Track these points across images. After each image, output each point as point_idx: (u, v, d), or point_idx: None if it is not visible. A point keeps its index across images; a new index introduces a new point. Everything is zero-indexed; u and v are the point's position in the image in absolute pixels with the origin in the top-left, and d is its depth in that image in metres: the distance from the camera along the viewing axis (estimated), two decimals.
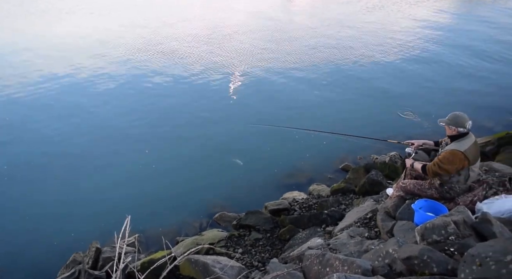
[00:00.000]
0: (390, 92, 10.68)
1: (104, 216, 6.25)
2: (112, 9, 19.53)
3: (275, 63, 12.63)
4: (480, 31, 16.43)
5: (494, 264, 2.63)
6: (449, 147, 4.22)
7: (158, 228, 6.09)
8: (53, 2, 20.59)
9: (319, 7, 20.74)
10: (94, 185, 7.09)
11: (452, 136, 4.26)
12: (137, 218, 5.67)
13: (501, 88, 11.05)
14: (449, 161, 4.13)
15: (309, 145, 8.28)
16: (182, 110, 9.70)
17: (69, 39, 14.59)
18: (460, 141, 4.19)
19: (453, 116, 4.21)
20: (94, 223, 6.17)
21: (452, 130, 4.22)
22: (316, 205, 6.31)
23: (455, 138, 4.24)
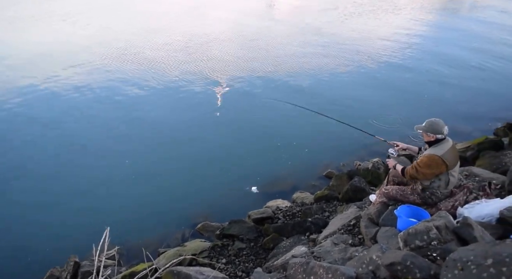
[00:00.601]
0: (364, 101, 10.75)
1: (82, 229, 6.07)
2: (84, 16, 18.92)
3: (254, 72, 12.60)
4: (455, 39, 16.83)
5: (475, 268, 2.65)
6: (426, 152, 4.29)
7: (139, 239, 5.94)
8: (22, 9, 19.75)
9: (298, 15, 20.84)
10: (72, 197, 6.90)
11: (430, 142, 4.33)
12: (117, 229, 5.56)
13: (477, 95, 11.29)
14: (426, 165, 4.18)
15: (291, 152, 8.26)
16: (161, 120, 9.57)
17: (40, 48, 14.07)
18: (437, 145, 4.25)
19: (430, 123, 4.28)
20: (72, 236, 5.99)
21: (430, 137, 4.28)
22: (300, 213, 6.28)
23: (432, 144, 4.31)
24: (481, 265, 2.65)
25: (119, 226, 5.89)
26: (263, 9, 22.53)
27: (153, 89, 11.14)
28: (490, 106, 10.44)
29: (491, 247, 2.83)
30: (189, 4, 22.37)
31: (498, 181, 5.17)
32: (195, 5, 22.27)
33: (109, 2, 22.17)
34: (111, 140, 8.63)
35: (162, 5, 22.29)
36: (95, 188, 7.15)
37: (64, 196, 6.93)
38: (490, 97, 11.09)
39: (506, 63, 14.00)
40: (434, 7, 23.25)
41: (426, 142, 4.40)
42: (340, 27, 18.30)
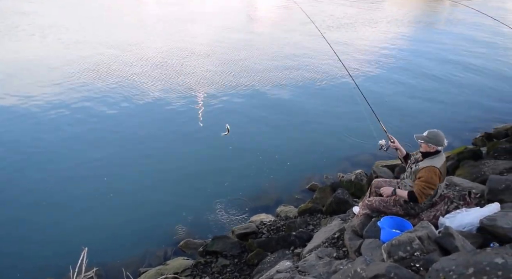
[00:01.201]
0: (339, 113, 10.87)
1: (59, 249, 5.87)
2: (54, 31, 18.30)
3: (234, 86, 12.58)
4: (431, 52, 17.23)
5: (457, 278, 2.68)
6: (423, 164, 4.21)
7: (119, 259, 5.76)
8: None
9: (277, 29, 21.00)
10: (48, 214, 6.68)
11: (427, 153, 4.26)
12: (96, 249, 5.38)
13: (455, 106, 11.52)
14: (433, 179, 4.11)
15: (274, 166, 8.23)
16: (141, 135, 9.43)
17: (10, 64, 13.58)
18: (434, 157, 4.22)
19: (433, 134, 4.19)
20: (48, 257, 5.78)
21: (430, 148, 4.21)
22: (284, 227, 6.22)
23: (429, 155, 4.25)
24: (463, 275, 2.66)
25: (97, 245, 5.71)
26: (242, 23, 22.73)
27: (133, 104, 11.01)
28: (468, 117, 10.68)
29: (472, 256, 2.85)
30: (165, 19, 22.30)
31: (478, 190, 5.24)
32: (171, 19, 22.22)
33: (80, 16, 21.80)
34: (88, 156, 8.44)
35: (136, 19, 22.13)
36: (72, 205, 6.96)
37: (39, 213, 6.71)
38: (468, 108, 11.35)
39: (480, 75, 14.40)
40: (410, 21, 23.89)
41: (423, 152, 4.30)
42: (319, 40, 18.57)
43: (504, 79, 14.06)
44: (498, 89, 12.97)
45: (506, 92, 12.78)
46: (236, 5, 28.97)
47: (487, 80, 13.89)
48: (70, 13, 22.30)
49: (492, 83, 13.55)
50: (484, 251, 2.97)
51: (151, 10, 25.71)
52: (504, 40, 19.00)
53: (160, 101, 11.29)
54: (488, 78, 14.04)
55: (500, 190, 4.90)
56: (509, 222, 3.84)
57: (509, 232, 3.72)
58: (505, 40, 18.89)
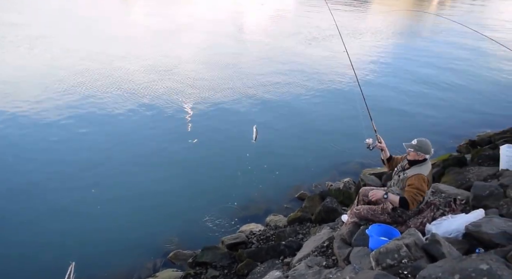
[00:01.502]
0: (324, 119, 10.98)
1: (45, 263, 5.77)
2: (43, 42, 18.07)
3: (223, 95, 12.63)
4: (414, 64, 17.44)
5: None
6: (411, 172, 4.27)
7: (108, 272, 5.68)
8: None
9: (265, 40, 21.15)
10: (33, 228, 6.56)
11: (415, 161, 4.34)
12: (84, 262, 5.32)
13: (439, 114, 11.73)
14: (422, 186, 4.18)
15: (262, 175, 8.26)
16: (128, 145, 9.39)
17: None
18: (422, 165, 4.30)
19: (423, 142, 4.28)
20: (34, 272, 5.66)
21: (419, 156, 4.29)
22: (274, 236, 6.22)
23: (417, 163, 4.33)
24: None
25: (85, 258, 5.66)
26: (232, 34, 22.87)
27: (122, 114, 10.97)
28: (452, 125, 10.89)
29: (458, 263, 2.90)
30: (153, 29, 22.30)
31: (463, 196, 5.34)
32: (159, 30, 22.24)
33: (68, 27, 21.65)
34: (75, 166, 8.36)
35: (123, 29, 22.09)
36: (59, 218, 6.85)
37: (24, 225, 6.60)
38: (452, 117, 11.57)
39: (463, 85, 14.71)
40: (394, 31, 24.35)
41: (411, 160, 4.37)
42: (306, 50, 18.82)
43: (486, 88, 14.41)
44: (480, 98, 13.29)
45: (489, 100, 13.10)
46: (223, 17, 29.16)
47: (470, 89, 14.22)
48: (58, 24, 22.16)
49: (474, 93, 13.88)
50: (470, 257, 3.03)
51: (139, 21, 25.69)
52: (484, 51, 19.49)
53: (149, 110, 11.27)
54: (471, 88, 14.38)
55: (484, 196, 5.01)
56: (493, 228, 3.92)
57: (493, 238, 3.80)
58: (485, 51, 19.38)
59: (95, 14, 26.37)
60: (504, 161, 6.06)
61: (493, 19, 30.70)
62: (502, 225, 3.96)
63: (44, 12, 25.73)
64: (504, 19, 30.79)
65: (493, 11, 36.99)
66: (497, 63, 17.48)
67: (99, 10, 28.67)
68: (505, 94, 13.59)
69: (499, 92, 13.84)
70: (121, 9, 30.98)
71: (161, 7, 32.33)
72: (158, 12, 29.25)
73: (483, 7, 40.81)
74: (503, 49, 8.30)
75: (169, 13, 29.02)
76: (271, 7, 33.81)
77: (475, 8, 38.62)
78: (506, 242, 3.70)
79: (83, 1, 32.44)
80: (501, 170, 6.04)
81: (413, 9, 34.71)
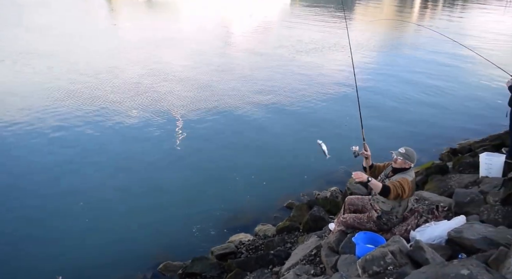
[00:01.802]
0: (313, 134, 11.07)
1: (32, 277, 5.69)
2: (26, 57, 17.79)
3: (210, 108, 12.67)
4: (395, 75, 17.58)
5: None
6: (398, 177, 4.41)
7: None
8: None
9: (250, 54, 21.23)
10: (17, 243, 6.46)
11: (400, 169, 4.50)
12: (71, 276, 5.29)
13: (421, 124, 11.94)
14: (405, 185, 4.30)
15: (251, 186, 8.30)
16: (116, 158, 9.35)
17: None
18: (406, 173, 4.46)
19: (410, 151, 4.46)
20: None
21: (406, 164, 4.46)
22: (263, 246, 6.29)
23: (401, 171, 4.49)
24: None
25: (73, 272, 5.63)
26: (216, 48, 22.95)
27: (109, 127, 10.94)
28: (434, 134, 11.10)
29: (440, 269, 3.02)
30: (139, 44, 22.13)
31: (446, 203, 5.52)
32: (145, 44, 22.09)
33: (51, 42, 21.35)
34: (62, 180, 8.30)
35: (108, 45, 21.78)
36: (46, 231, 6.77)
37: (10, 240, 6.51)
38: (433, 126, 11.80)
39: (443, 95, 14.99)
40: (375, 45, 24.75)
41: (397, 168, 4.52)
42: (291, 63, 19.02)
43: (466, 97, 14.77)
44: (460, 107, 13.60)
45: (468, 109, 13.42)
46: (212, 28, 29.34)
47: (450, 98, 14.55)
48: (41, 39, 21.92)
49: (454, 102, 14.20)
50: (451, 263, 3.15)
51: (125, 35, 25.59)
52: (464, 60, 20.01)
53: (137, 123, 11.24)
54: (451, 97, 14.70)
55: (466, 202, 5.19)
56: (474, 234, 4.07)
57: (475, 243, 3.94)
58: (466, 61, 19.91)
59: (80, 28, 26.25)
60: (483, 168, 6.27)
61: (472, 29, 31.61)
62: (483, 230, 4.11)
63: (26, 26, 25.51)
64: (483, 28, 31.71)
65: (472, 20, 38.11)
66: (477, 73, 17.98)
67: (85, 24, 28.59)
68: (484, 103, 13.97)
69: (478, 101, 14.22)
70: (106, 23, 30.90)
71: (148, 20, 32.40)
72: (144, 25, 29.22)
73: (462, 16, 41.99)
74: (480, 59, 8.59)
75: (156, 25, 29.02)
76: (258, 19, 34.21)
77: (454, 17, 39.73)
78: (487, 247, 3.83)
79: (67, 14, 32.37)
80: (481, 177, 6.24)
81: (397, 19, 35.50)
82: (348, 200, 5.11)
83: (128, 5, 42.19)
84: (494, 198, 4.98)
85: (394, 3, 54.30)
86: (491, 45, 23.85)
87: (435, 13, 45.69)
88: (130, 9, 39.55)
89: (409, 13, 45.07)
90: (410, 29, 31.37)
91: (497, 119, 10.73)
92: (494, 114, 12.30)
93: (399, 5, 51.80)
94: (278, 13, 40.28)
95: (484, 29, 31.27)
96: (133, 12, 37.51)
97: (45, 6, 35.78)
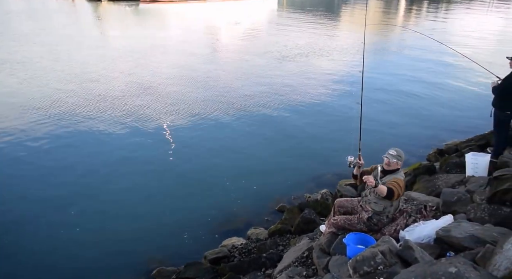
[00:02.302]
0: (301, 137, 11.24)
1: None
2: (8, 66, 17.73)
3: (200, 114, 12.73)
4: (381, 77, 17.74)
5: None
6: (393, 177, 4.52)
7: None
8: None
9: (238, 59, 21.27)
10: (14, 251, 6.45)
11: (395, 170, 4.62)
12: None
13: (408, 125, 12.13)
14: (401, 185, 4.46)
15: (242, 190, 8.35)
16: (108, 163, 9.37)
17: None
18: (397, 173, 4.60)
19: (400, 151, 4.61)
20: None
21: (398, 165, 4.61)
22: (255, 249, 6.33)
23: (392, 172, 4.61)
24: None
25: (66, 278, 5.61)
26: (208, 52, 23.02)
27: (101, 133, 10.95)
28: (421, 136, 11.27)
29: (429, 267, 3.08)
30: (126, 52, 22.05)
31: (433, 203, 5.61)
32: (132, 51, 22.05)
33: (35, 51, 21.20)
34: (54, 188, 8.28)
35: (95, 52, 21.75)
36: (38, 239, 6.75)
37: (5, 249, 6.48)
38: (420, 127, 12.00)
39: (430, 94, 15.28)
40: (360, 49, 24.93)
41: (387, 170, 4.63)
42: (277, 69, 19.10)
43: (452, 98, 15.00)
44: (446, 108, 13.80)
45: (454, 110, 13.65)
46: (199, 37, 29.29)
47: (436, 100, 14.76)
48: (25, 48, 21.72)
49: (440, 103, 14.41)
50: (440, 261, 3.22)
51: (113, 43, 25.43)
52: (449, 62, 20.34)
53: (128, 129, 11.27)
54: (437, 98, 14.92)
55: (453, 201, 5.29)
56: (462, 232, 4.14)
57: (462, 241, 4.01)
58: (450, 63, 20.24)
59: (65, 37, 26.05)
60: (469, 168, 6.39)
61: (457, 30, 32.15)
62: (470, 229, 4.18)
63: (11, 33, 25.25)
64: (467, 29, 32.26)
65: (457, 21, 38.74)
66: (461, 74, 18.28)
67: (71, 31, 28.38)
68: (470, 103, 14.21)
69: (464, 102, 14.46)
70: (93, 31, 30.72)
71: (134, 27, 32.24)
72: (131, 32, 29.09)
73: (447, 17, 42.65)
74: (465, 60, 8.77)
75: (142, 33, 28.89)
76: (245, 26, 34.33)
77: (438, 19, 40.36)
78: (474, 245, 3.90)
79: (52, 22, 32.09)
80: (467, 177, 6.36)
81: (385, 23, 35.91)
82: (338, 202, 5.18)
83: (114, 12, 41.98)
84: (481, 196, 5.07)
85: (380, 6, 54.93)
86: (475, 46, 24.29)
87: (420, 15, 46.34)
88: (117, 17, 39.36)
89: (394, 16, 45.61)
90: (396, 32, 31.75)
91: (481, 120, 10.95)
92: (479, 114, 12.52)
93: (385, 8, 52.41)
94: (265, 18, 40.43)
95: (470, 30, 31.83)
96: (119, 20, 37.33)
97: (31, 14, 35.52)
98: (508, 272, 2.92)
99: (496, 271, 3.05)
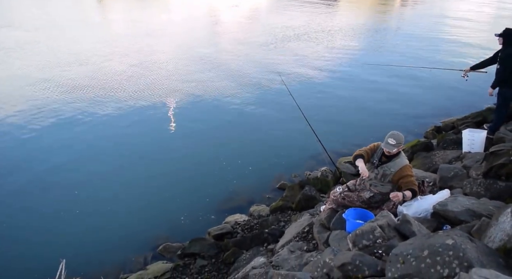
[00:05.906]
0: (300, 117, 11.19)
1: (36, 262, 5.83)
2: (18, 50, 17.69)
3: (201, 95, 12.74)
4: (377, 58, 17.70)
5: (414, 260, 2.89)
6: (395, 166, 4.57)
7: (99, 268, 5.78)
8: None
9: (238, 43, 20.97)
10: (23, 228, 6.62)
11: (393, 155, 4.60)
12: (74, 260, 5.46)
13: (406, 103, 12.20)
14: (412, 172, 4.58)
15: (244, 169, 8.47)
16: (112, 144, 9.47)
17: None
18: (401, 157, 4.62)
19: (399, 137, 4.51)
20: (25, 271, 5.73)
21: (400, 148, 4.60)
22: (258, 225, 6.50)
23: (395, 156, 4.62)
24: (419, 257, 2.92)
25: (75, 256, 5.78)
26: (207, 35, 22.66)
27: (104, 115, 11.00)
28: (418, 113, 11.34)
29: (426, 240, 3.18)
30: (128, 35, 21.77)
31: (431, 179, 5.74)
32: (134, 35, 21.70)
33: (41, 35, 20.99)
34: (62, 167, 8.39)
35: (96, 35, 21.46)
36: (48, 217, 6.91)
37: (15, 226, 6.66)
38: (418, 105, 12.05)
39: (427, 76, 15.19)
40: (363, 29, 24.59)
41: (390, 154, 4.61)
42: (276, 51, 18.90)
43: (449, 79, 14.94)
44: (444, 88, 13.78)
45: (451, 90, 13.62)
46: (199, 19, 28.75)
47: (434, 81, 14.70)
48: (26, 33, 21.36)
49: (438, 83, 14.37)
50: (437, 234, 3.31)
51: (113, 25, 25.07)
52: (446, 42, 20.10)
53: (130, 110, 11.34)
54: (434, 79, 14.86)
55: (449, 177, 5.40)
56: (458, 206, 4.25)
57: (458, 215, 4.11)
58: (447, 43, 20.01)
59: (70, 21, 25.61)
60: (466, 144, 6.49)
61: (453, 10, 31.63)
62: (466, 203, 4.28)
63: (13, 19, 24.78)
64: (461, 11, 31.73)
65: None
66: (459, 53, 18.14)
67: (72, 16, 27.88)
68: (466, 84, 14.15)
69: (460, 83, 14.41)
70: (96, 14, 30.17)
71: (136, 11, 31.61)
72: (132, 16, 28.55)
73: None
74: (461, 40, 8.73)
75: (143, 17, 28.37)
76: (244, 8, 33.71)
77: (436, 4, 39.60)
78: (470, 219, 4.00)
79: (53, 7, 31.42)
80: (463, 153, 6.47)
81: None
82: (337, 202, 5.06)
83: None
84: (477, 172, 5.16)
85: None
86: (471, 28, 23.96)
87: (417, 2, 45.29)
88: (118, 1, 38.53)
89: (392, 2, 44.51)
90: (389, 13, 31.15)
91: (475, 97, 11.06)
92: (474, 93, 12.57)
93: None
94: (264, 2, 39.63)
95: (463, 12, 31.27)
96: (120, 4, 36.56)
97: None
98: (502, 243, 3.01)
99: (491, 243, 3.11)
